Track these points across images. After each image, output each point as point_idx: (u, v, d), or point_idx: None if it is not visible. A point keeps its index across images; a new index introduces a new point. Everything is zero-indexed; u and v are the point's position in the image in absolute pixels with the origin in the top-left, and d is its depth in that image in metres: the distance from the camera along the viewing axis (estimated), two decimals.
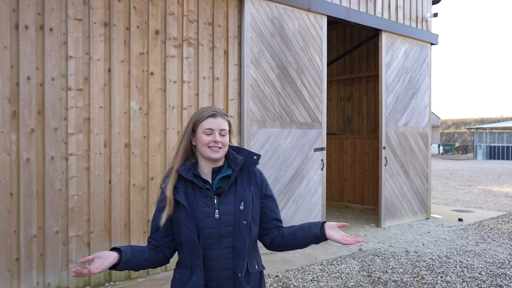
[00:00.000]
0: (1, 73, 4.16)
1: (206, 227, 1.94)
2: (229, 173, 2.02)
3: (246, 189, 2.02)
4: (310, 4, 6.58)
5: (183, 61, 5.39)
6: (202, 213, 1.95)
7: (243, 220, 1.97)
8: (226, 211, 1.97)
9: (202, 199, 1.98)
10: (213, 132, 1.99)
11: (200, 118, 2.01)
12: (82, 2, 4.63)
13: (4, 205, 4.18)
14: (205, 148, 1.97)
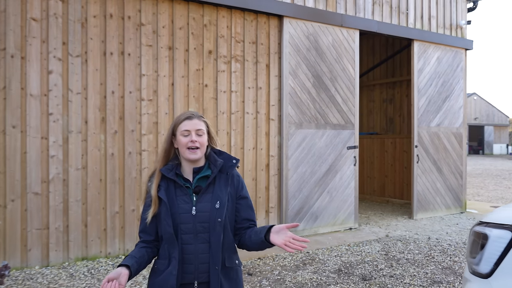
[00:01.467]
0: (93, 89, 5.54)
1: (183, 222, 2.08)
2: (208, 174, 2.16)
3: (223, 189, 2.14)
4: (343, 20, 7.54)
5: (231, 75, 6.57)
6: (180, 209, 2.09)
7: (218, 217, 2.09)
8: (202, 209, 2.10)
9: (182, 196, 2.12)
10: (189, 133, 2.12)
11: (178, 122, 2.16)
12: (152, 32, 5.94)
13: (96, 188, 5.56)
14: (184, 149, 2.12)
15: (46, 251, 5.29)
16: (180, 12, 6.14)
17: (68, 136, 5.41)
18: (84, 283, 4.74)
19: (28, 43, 5.17)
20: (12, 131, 5.11)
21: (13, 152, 5.11)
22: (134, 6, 5.81)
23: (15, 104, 5.11)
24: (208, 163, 2.19)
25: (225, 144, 6.48)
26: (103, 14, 5.61)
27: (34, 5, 5.20)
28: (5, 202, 5.07)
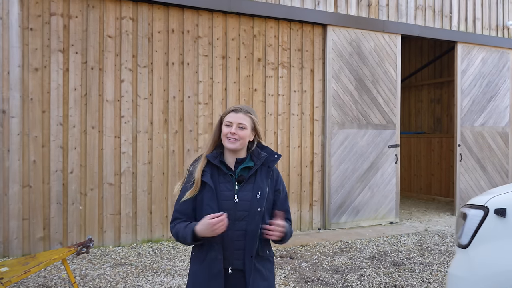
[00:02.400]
0: (157, 94, 6.41)
1: (225, 209, 2.16)
2: (251, 165, 2.28)
3: (264, 181, 2.25)
4: (384, 26, 7.99)
5: (278, 80, 7.25)
6: (223, 196, 2.19)
7: (258, 207, 2.19)
8: (244, 197, 2.20)
9: (225, 183, 2.22)
10: (231, 125, 2.23)
11: (225, 113, 2.30)
12: (207, 43, 6.74)
13: (159, 180, 6.44)
14: (224, 138, 2.25)
15: (118, 233, 6.22)
16: (232, 25, 6.89)
17: (136, 135, 6.31)
18: (150, 260, 5.60)
19: (104, 56, 6.11)
20: (92, 131, 6.07)
21: (92, 149, 6.07)
22: (193, 21, 6.63)
23: (94, 108, 6.07)
24: (251, 155, 2.30)
25: (272, 143, 7.17)
26: (166, 29, 6.47)
27: (110, 24, 6.13)
28: (85, 191, 6.04)
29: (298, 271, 5.23)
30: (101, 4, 6.09)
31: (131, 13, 6.26)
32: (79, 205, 6.00)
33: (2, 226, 5.60)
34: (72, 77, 5.94)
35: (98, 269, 5.22)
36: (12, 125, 5.63)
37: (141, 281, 4.83)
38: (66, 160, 5.92)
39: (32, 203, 5.75)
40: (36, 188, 5.77)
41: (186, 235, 2.16)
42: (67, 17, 5.92)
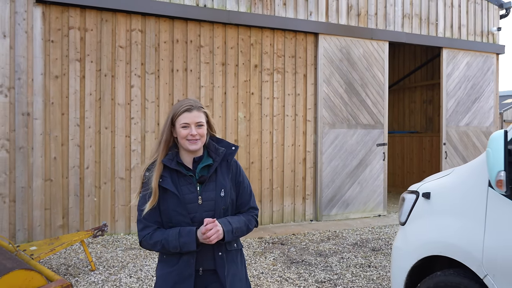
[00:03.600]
0: (164, 98, 7.15)
1: (191, 212, 2.12)
2: (210, 163, 2.20)
3: (225, 177, 2.19)
4: (372, 34, 8.66)
5: (273, 84, 7.95)
6: (186, 199, 2.12)
7: (223, 205, 2.17)
8: (208, 197, 2.14)
9: (186, 186, 2.14)
10: (189, 126, 2.12)
11: (177, 113, 2.15)
12: (208, 52, 7.46)
13: None
14: (184, 141, 2.13)
15: (129, 222, 6.97)
16: (231, 35, 7.61)
17: (145, 135, 7.05)
18: None
19: (116, 65, 6.86)
20: (105, 131, 6.82)
21: (105, 147, 6.83)
22: (195, 32, 7.36)
23: (107, 111, 6.82)
24: (208, 151, 2.23)
25: (268, 141, 7.88)
26: (171, 40, 7.20)
27: (121, 36, 6.88)
28: (99, 184, 6.80)
29: (286, 255, 5.94)
30: (113, 18, 6.84)
31: (140, 26, 7.01)
32: (94, 197, 6.76)
33: (27, 215, 6.37)
34: (87, 83, 6.69)
35: (111, 252, 5.97)
36: (35, 126, 6.40)
37: (148, 261, 5.57)
38: (82, 157, 6.68)
39: (52, 195, 6.52)
40: (56, 182, 6.54)
41: (187, 242, 2.09)
42: (84, 30, 6.68)
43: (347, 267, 5.45)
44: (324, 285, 4.82)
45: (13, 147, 6.27)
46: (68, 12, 6.57)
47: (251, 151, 7.79)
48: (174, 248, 2.10)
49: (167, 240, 2.10)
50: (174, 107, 2.20)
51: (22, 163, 6.32)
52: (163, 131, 2.20)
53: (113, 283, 4.77)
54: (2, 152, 6.21)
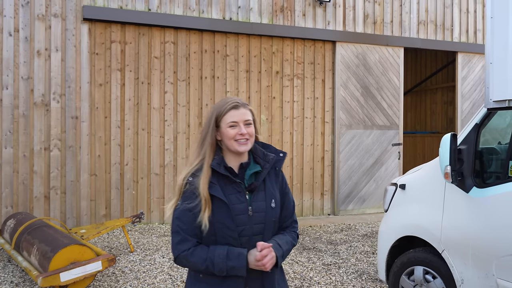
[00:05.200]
0: (193, 102, 7.99)
1: (240, 225, 1.89)
2: (259, 169, 1.97)
3: (274, 186, 1.99)
4: (388, 40, 9.23)
5: (293, 89, 8.66)
6: (235, 210, 1.88)
7: (273, 217, 1.96)
8: (258, 208, 1.92)
9: (235, 194, 1.91)
10: (237, 125, 1.91)
11: (222, 112, 1.93)
12: (234, 60, 8.25)
13: None
14: (232, 142, 1.91)
15: (162, 213, 7.84)
16: (254, 44, 8.37)
17: (177, 136, 7.90)
18: None
19: (152, 73, 7.74)
20: (142, 132, 7.71)
21: (142, 146, 7.72)
22: (222, 43, 8.16)
23: (144, 114, 7.71)
24: (253, 156, 2.02)
25: (288, 142, 8.60)
26: (200, 50, 8.03)
27: (156, 48, 7.76)
28: (137, 179, 7.70)
29: (300, 243, 6.66)
30: (149, 32, 7.72)
31: (173, 38, 7.86)
32: (132, 190, 7.66)
33: (75, 205, 7.33)
34: (127, 90, 7.60)
35: (147, 238, 6.84)
36: (82, 128, 7.35)
37: None
38: (122, 155, 7.59)
39: (97, 188, 7.46)
40: (100, 177, 7.47)
41: (236, 267, 1.85)
42: (124, 43, 7.59)
43: (353, 253, 6.12)
44: (329, 267, 5.52)
45: (64, 146, 7.24)
46: (111, 28, 7.50)
47: None
48: (219, 271, 1.86)
49: (212, 261, 1.86)
50: (217, 106, 1.98)
51: (71, 160, 7.29)
52: (205, 134, 1.96)
53: (148, 262, 5.61)
54: (55, 150, 7.18)
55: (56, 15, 7.18)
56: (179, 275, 5.12)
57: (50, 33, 7.16)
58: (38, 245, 4.72)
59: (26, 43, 7.05)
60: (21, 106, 7.01)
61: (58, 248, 4.45)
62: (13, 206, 6.96)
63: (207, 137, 1.96)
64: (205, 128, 1.99)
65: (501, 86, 2.81)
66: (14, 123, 6.97)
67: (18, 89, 7.00)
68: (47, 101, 7.15)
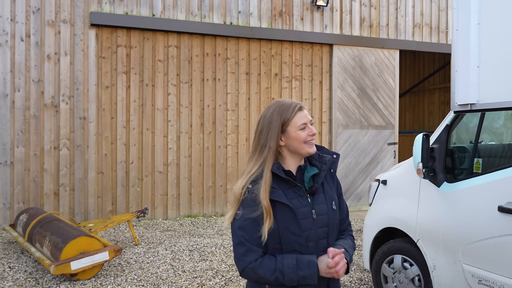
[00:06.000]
0: (196, 104, 8.35)
1: (306, 229, 1.83)
2: (316, 172, 1.94)
3: (332, 188, 1.97)
4: (384, 43, 9.56)
5: (292, 90, 9.01)
6: (300, 214, 1.83)
7: (336, 220, 1.93)
8: (320, 211, 1.89)
9: (297, 198, 1.85)
10: (307, 126, 1.89)
11: (289, 116, 1.88)
12: (234, 63, 8.60)
13: (196, 170, 8.38)
14: (303, 144, 1.88)
15: (166, 209, 8.22)
16: (254, 47, 8.72)
17: (179, 135, 8.27)
18: (188, 228, 7.54)
19: (156, 76, 8.11)
20: (146, 132, 8.08)
21: (147, 145, 8.09)
22: (223, 46, 8.51)
23: (148, 115, 8.08)
24: (308, 158, 1.99)
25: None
26: (202, 53, 8.39)
27: (160, 51, 8.13)
28: (142, 176, 8.07)
29: None
30: (153, 36, 8.10)
31: (176, 42, 8.23)
32: (137, 187, 8.04)
33: (83, 201, 7.72)
34: (132, 92, 7.98)
35: (151, 232, 7.21)
36: (90, 128, 7.74)
37: (181, 240, 6.77)
38: (128, 154, 7.97)
39: (104, 185, 7.84)
40: (106, 174, 7.85)
41: (307, 276, 1.81)
42: (129, 47, 7.96)
43: None
44: None
45: (72, 145, 7.63)
46: (117, 33, 7.87)
47: None
48: (289, 282, 1.81)
49: (281, 272, 1.80)
50: (278, 110, 1.90)
51: (80, 158, 7.67)
52: (266, 140, 1.88)
53: (152, 254, 5.98)
54: (64, 149, 7.57)
55: (65, 21, 7.57)
56: (180, 266, 5.48)
57: (59, 38, 7.55)
58: (50, 237, 5.10)
59: (37, 48, 7.44)
60: (32, 107, 7.41)
61: (69, 239, 4.83)
62: (24, 202, 7.35)
63: (269, 143, 1.88)
64: (265, 135, 1.89)
65: (464, 91, 3.15)
66: (25, 123, 7.37)
67: (30, 92, 7.40)
68: (57, 103, 7.54)
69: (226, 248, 6.28)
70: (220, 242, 6.60)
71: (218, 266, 5.47)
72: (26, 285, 4.81)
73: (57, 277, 5.03)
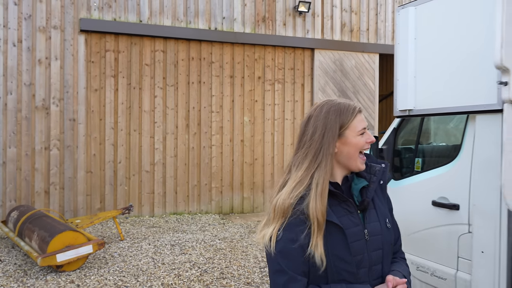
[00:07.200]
0: (181, 106, 8.72)
1: (357, 253, 1.54)
2: (366, 184, 1.64)
3: (383, 203, 1.69)
4: (364, 47, 9.94)
5: (275, 93, 9.38)
6: (351, 235, 1.53)
7: (390, 241, 1.64)
8: (374, 231, 1.59)
9: (347, 216, 1.55)
10: (365, 131, 1.61)
11: (349, 118, 1.59)
12: (219, 66, 8.97)
13: (182, 169, 8.75)
14: (357, 155, 1.59)
15: (152, 207, 8.58)
16: (238, 52, 9.10)
17: (166, 136, 8.64)
18: (173, 225, 7.91)
19: (143, 79, 8.48)
20: (134, 133, 8.45)
21: (134, 146, 8.45)
22: (208, 51, 8.88)
23: (135, 116, 8.44)
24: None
25: (269, 141, 9.32)
26: (187, 57, 8.76)
27: (147, 55, 8.49)
28: (129, 176, 8.44)
29: None
30: (141, 41, 8.46)
31: (162, 47, 8.59)
32: (125, 186, 8.40)
33: (73, 199, 8.08)
34: (120, 95, 8.34)
35: (137, 229, 7.58)
36: (79, 129, 8.10)
37: (165, 235, 7.14)
38: (116, 154, 8.33)
39: (92, 184, 8.20)
40: (95, 173, 8.22)
41: None
42: (117, 52, 8.33)
43: None
44: None
45: (62, 146, 7.99)
46: (105, 38, 8.23)
47: (255, 150, 9.25)
48: None
49: None
50: (335, 110, 1.61)
51: (69, 158, 8.03)
52: (321, 143, 1.57)
53: (136, 248, 6.35)
54: (54, 150, 7.93)
55: (56, 27, 7.93)
56: (161, 259, 5.85)
57: (50, 43, 7.91)
58: (38, 231, 5.46)
59: (29, 53, 7.80)
60: (23, 109, 7.76)
61: (55, 233, 5.19)
62: (16, 200, 7.71)
63: (325, 146, 1.56)
64: (320, 137, 1.58)
65: (403, 98, 3.52)
66: (17, 125, 7.72)
67: (21, 94, 7.75)
68: (47, 105, 7.89)
69: (206, 243, 6.65)
70: (202, 238, 6.97)
71: (196, 259, 5.84)
72: (15, 276, 5.18)
73: (44, 268, 5.40)
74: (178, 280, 5.08)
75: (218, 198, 8.98)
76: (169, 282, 5.01)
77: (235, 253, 6.16)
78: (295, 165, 1.60)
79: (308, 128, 1.62)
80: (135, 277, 5.17)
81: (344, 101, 1.65)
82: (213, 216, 8.69)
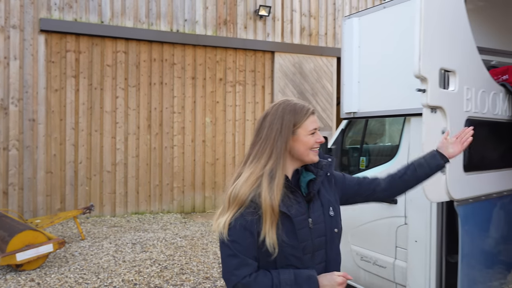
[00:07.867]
0: (143, 106, 8.81)
1: (302, 240, 1.69)
2: (313, 177, 1.79)
3: (330, 193, 1.84)
4: (322, 51, 10.30)
5: (236, 94, 9.60)
6: (297, 224, 1.67)
7: (334, 227, 1.79)
8: (317, 219, 1.74)
9: (295, 206, 1.69)
10: (316, 132, 1.78)
11: (302, 118, 1.75)
12: (181, 68, 9.11)
13: (144, 169, 8.84)
14: (309, 151, 1.75)
15: (114, 207, 8.63)
16: (200, 54, 9.26)
17: (127, 136, 8.71)
18: (134, 224, 8.00)
19: (104, 80, 8.52)
20: (95, 133, 8.48)
21: (95, 146, 8.48)
22: (169, 52, 9.01)
23: (97, 117, 8.47)
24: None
25: (230, 142, 9.53)
26: (149, 59, 8.86)
27: (108, 56, 8.54)
28: (90, 176, 8.46)
29: None
30: (102, 42, 8.50)
31: (124, 48, 8.66)
32: (86, 186, 8.42)
33: (32, 200, 8.04)
34: (81, 95, 8.36)
35: (98, 228, 7.63)
36: (39, 129, 8.06)
37: (127, 234, 7.23)
38: (77, 154, 8.34)
39: (53, 184, 8.18)
40: (55, 174, 8.20)
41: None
42: (78, 52, 8.34)
43: None
44: None
45: (21, 146, 7.94)
46: (66, 38, 8.24)
47: (217, 150, 9.44)
48: None
49: (282, 283, 1.65)
50: (291, 109, 1.77)
51: (29, 158, 7.99)
52: (275, 141, 1.71)
53: (97, 247, 6.43)
54: (13, 150, 7.88)
55: (15, 27, 7.88)
56: (122, 257, 5.97)
57: (9, 43, 7.85)
58: None
59: None
60: None
61: (15, 233, 5.23)
62: None
63: (279, 143, 1.71)
64: (277, 133, 1.72)
65: (348, 101, 3.81)
66: None
67: None
68: (6, 105, 7.83)
69: (167, 241, 6.79)
70: (163, 236, 7.10)
71: (157, 256, 5.98)
72: None
73: (3, 268, 5.42)
74: (139, 277, 5.22)
75: (180, 198, 9.12)
76: (129, 279, 5.15)
77: (195, 250, 6.34)
78: (250, 158, 1.74)
79: (265, 124, 1.76)
80: (96, 275, 5.27)
81: (299, 102, 1.80)
82: (174, 215, 8.82)
